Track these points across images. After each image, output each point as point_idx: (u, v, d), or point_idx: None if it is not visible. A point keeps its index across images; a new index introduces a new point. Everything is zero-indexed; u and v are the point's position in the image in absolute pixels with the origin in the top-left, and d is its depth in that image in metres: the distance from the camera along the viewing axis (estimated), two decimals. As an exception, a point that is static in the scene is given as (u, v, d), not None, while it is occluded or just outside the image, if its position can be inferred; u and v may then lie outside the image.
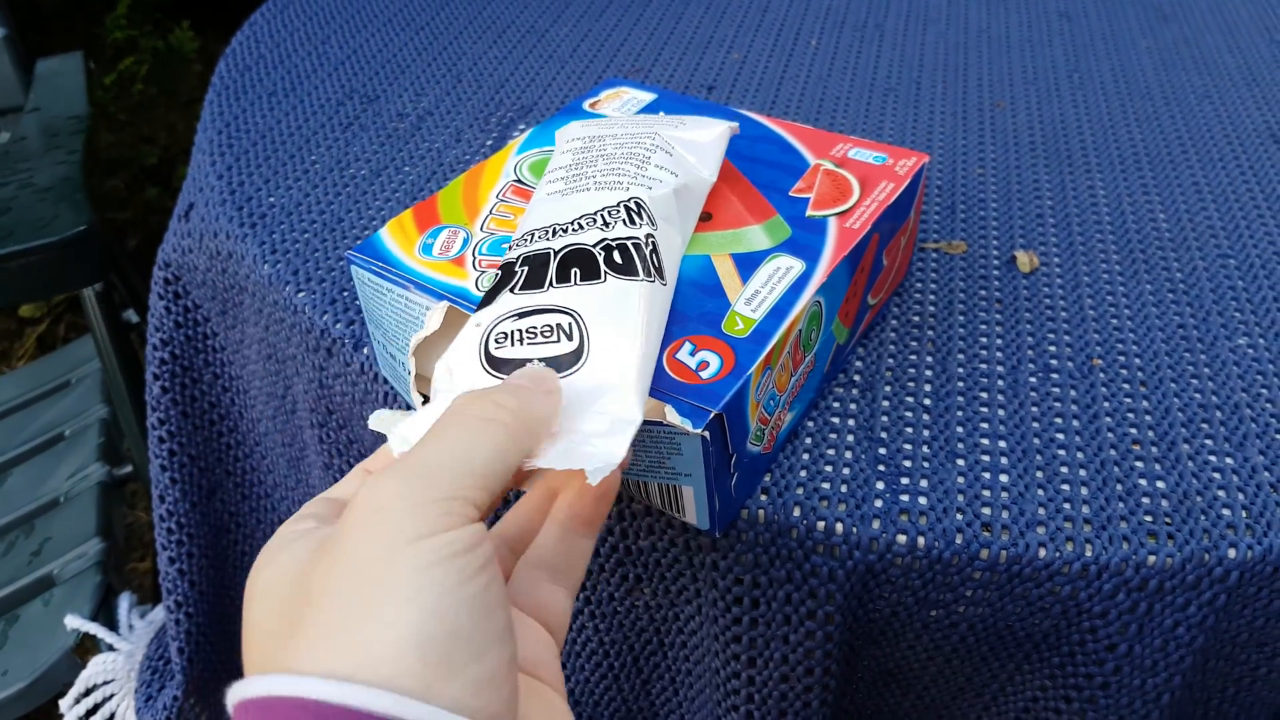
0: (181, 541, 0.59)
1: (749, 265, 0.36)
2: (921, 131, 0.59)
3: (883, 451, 0.38)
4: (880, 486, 0.36)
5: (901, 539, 0.35)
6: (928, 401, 0.40)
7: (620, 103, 0.47)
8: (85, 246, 0.70)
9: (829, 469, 0.37)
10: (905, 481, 0.36)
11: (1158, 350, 0.43)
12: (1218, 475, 0.37)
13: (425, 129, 0.58)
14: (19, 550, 0.72)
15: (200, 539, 0.60)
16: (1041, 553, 0.34)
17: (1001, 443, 0.38)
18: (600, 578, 0.40)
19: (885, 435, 0.38)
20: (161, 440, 0.58)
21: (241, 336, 0.53)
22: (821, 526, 0.35)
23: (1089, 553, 0.34)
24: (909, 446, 0.38)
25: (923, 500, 0.36)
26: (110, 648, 0.68)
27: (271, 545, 0.22)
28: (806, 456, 0.37)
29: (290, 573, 0.21)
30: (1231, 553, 0.34)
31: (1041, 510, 0.36)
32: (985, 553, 0.34)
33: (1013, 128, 0.60)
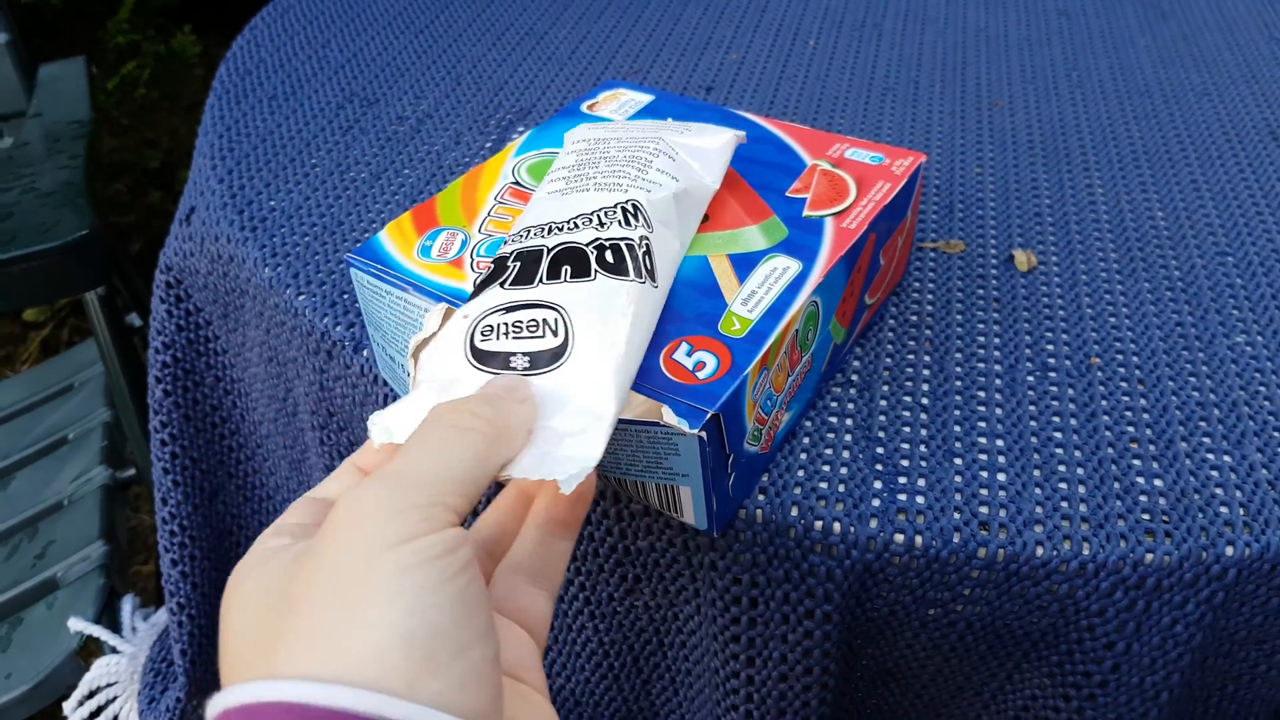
0: (184, 544, 0.60)
1: (745, 266, 0.36)
2: (920, 131, 0.59)
3: (880, 451, 0.38)
4: (878, 486, 0.36)
5: (899, 538, 0.35)
6: (925, 401, 0.40)
7: (618, 104, 0.47)
8: (88, 251, 0.70)
9: (827, 469, 0.37)
10: (903, 481, 0.37)
11: (1155, 349, 0.43)
12: (1215, 473, 0.37)
13: (425, 132, 0.58)
14: (23, 553, 0.73)
15: (202, 541, 0.61)
16: (1039, 551, 0.34)
17: (999, 441, 0.38)
18: (599, 578, 0.40)
19: (883, 435, 0.38)
20: (164, 443, 0.58)
21: (243, 339, 0.53)
22: (819, 526, 0.35)
23: (1086, 551, 0.34)
24: (906, 446, 0.38)
25: (920, 499, 0.36)
26: (114, 650, 0.68)
27: (248, 559, 0.22)
28: (804, 456, 0.37)
29: (269, 584, 0.21)
30: (1229, 550, 0.34)
31: (1039, 509, 0.36)
32: (983, 551, 0.34)
33: (1011, 127, 0.60)
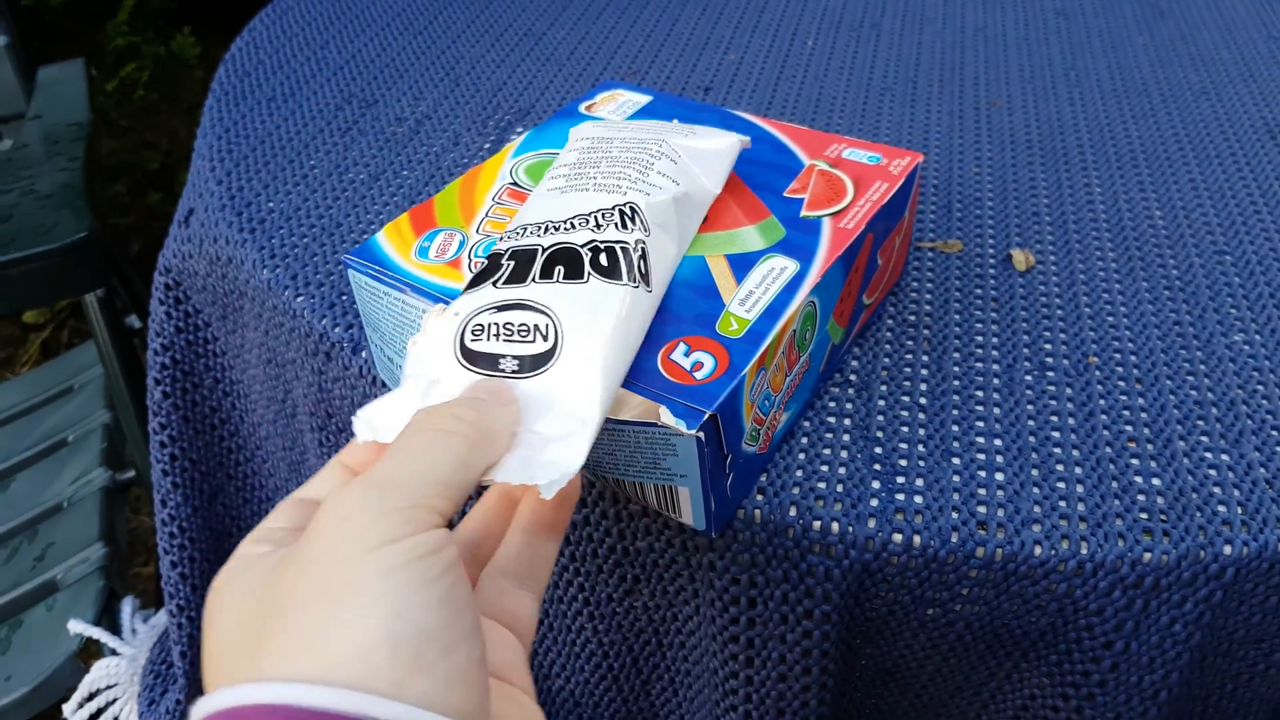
0: (184, 546, 0.60)
1: (743, 266, 0.36)
2: (918, 131, 0.59)
3: (878, 451, 0.38)
4: (876, 486, 0.36)
5: (897, 538, 0.35)
6: (923, 401, 0.40)
7: (615, 105, 0.47)
8: (86, 253, 0.70)
9: (825, 469, 0.37)
10: (901, 481, 0.37)
11: (1154, 348, 0.43)
12: (1213, 472, 0.37)
13: (423, 133, 0.58)
14: (22, 555, 0.73)
15: (202, 543, 0.61)
16: (1037, 551, 0.34)
17: (997, 441, 0.38)
18: (598, 579, 0.40)
19: (881, 435, 0.38)
20: (163, 445, 0.58)
21: (242, 341, 0.53)
22: (818, 526, 0.35)
23: (1085, 550, 0.34)
24: (905, 446, 0.38)
25: (918, 499, 0.36)
26: (113, 652, 0.68)
27: (231, 566, 0.22)
28: (803, 456, 0.37)
29: (252, 589, 0.21)
30: (1227, 549, 0.34)
31: (1037, 508, 0.36)
32: (981, 551, 0.34)
33: (1009, 126, 0.60)
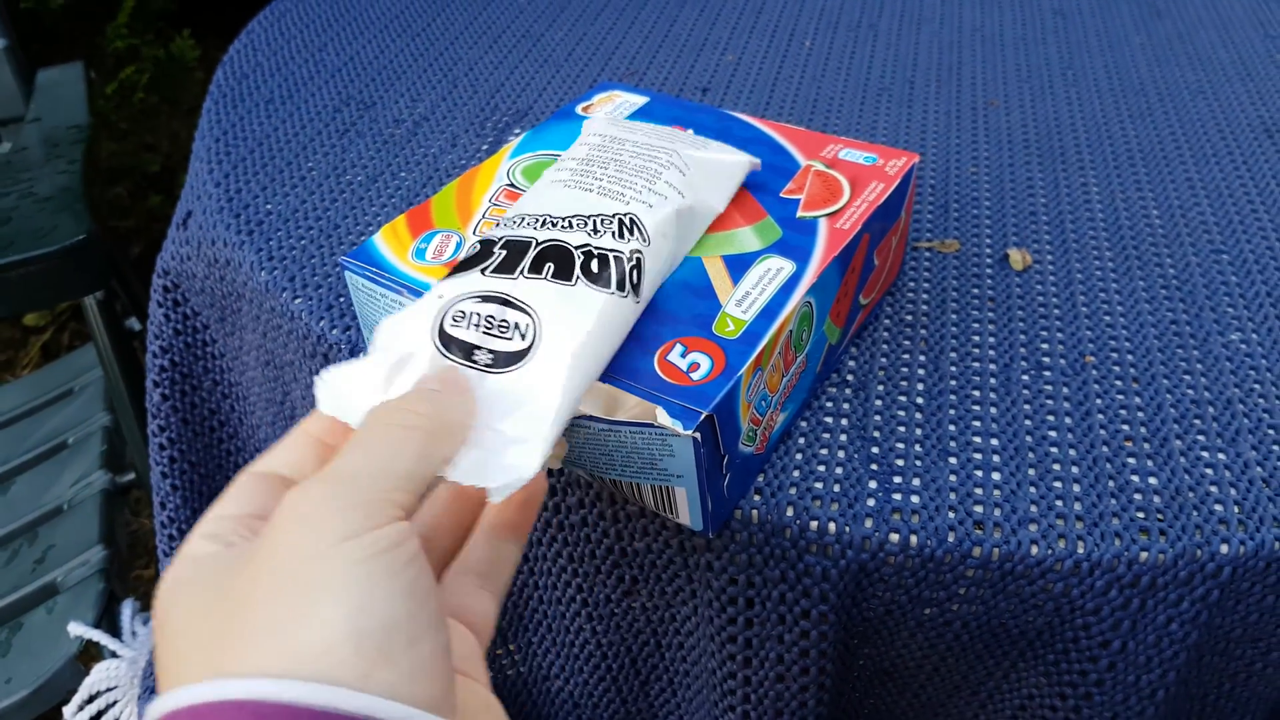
0: (183, 548, 0.60)
1: (740, 267, 0.36)
2: (915, 131, 0.59)
3: (875, 451, 0.38)
4: (873, 486, 0.36)
5: (894, 538, 0.35)
6: (920, 401, 0.40)
7: (613, 106, 0.47)
8: (85, 255, 0.70)
9: (822, 469, 0.37)
10: (898, 480, 0.37)
11: (1150, 346, 0.43)
12: (1210, 471, 0.37)
13: (421, 135, 0.58)
14: (22, 558, 0.73)
15: (202, 545, 0.61)
16: (1034, 550, 0.34)
17: (994, 440, 0.38)
18: (597, 580, 0.40)
19: (878, 434, 0.38)
20: (162, 447, 0.58)
21: (240, 343, 0.53)
22: (815, 526, 0.35)
23: (1081, 549, 0.34)
24: (902, 445, 0.38)
25: (915, 499, 0.36)
26: (113, 655, 0.68)
27: (179, 566, 0.22)
28: (800, 456, 0.38)
29: (208, 585, 0.21)
30: (1224, 548, 0.34)
31: (1034, 507, 0.36)
32: (978, 550, 0.35)
33: (1006, 126, 0.60)
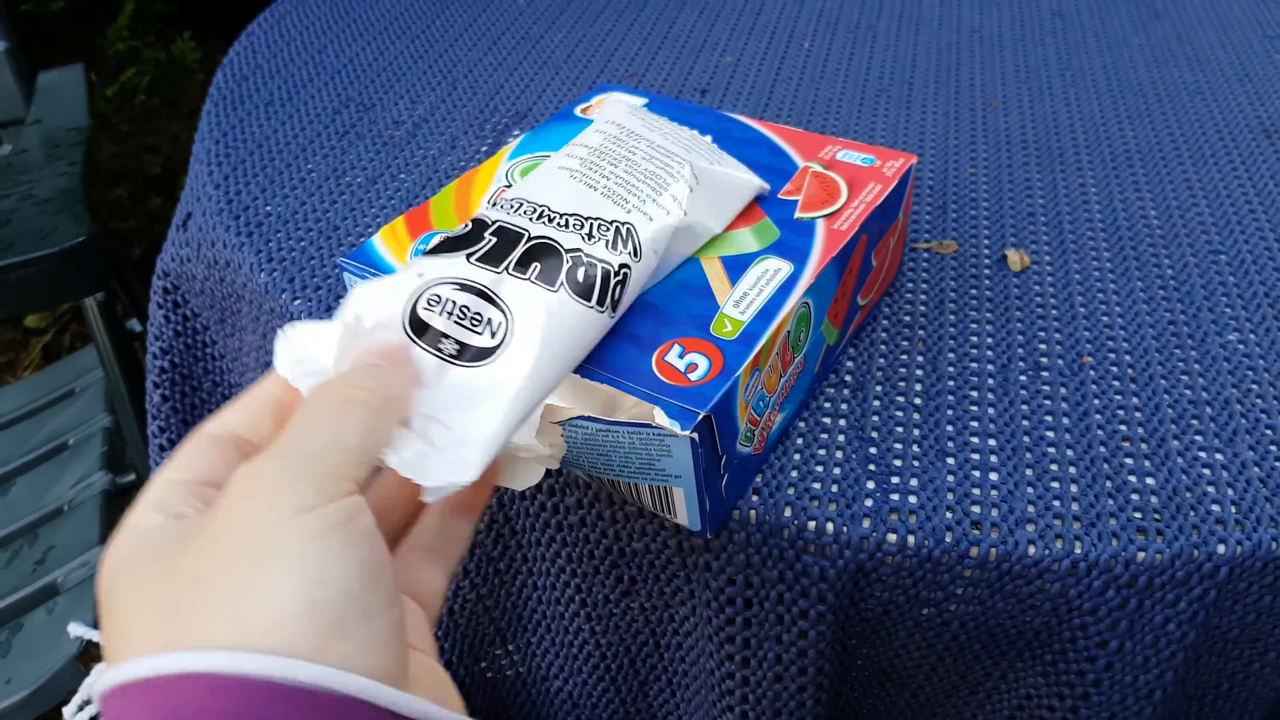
0: (183, 549, 0.60)
1: (737, 268, 0.36)
2: (914, 132, 0.59)
3: (873, 451, 0.38)
4: (871, 486, 0.36)
5: (892, 538, 0.35)
6: (918, 401, 0.40)
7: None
8: (85, 257, 0.70)
9: (820, 469, 0.37)
10: (895, 481, 0.37)
11: (1148, 347, 0.43)
12: (1207, 471, 0.37)
13: (420, 136, 0.58)
14: (23, 559, 0.73)
15: (202, 546, 0.61)
16: (1031, 550, 0.34)
17: (991, 441, 0.38)
18: (595, 580, 0.41)
19: (876, 435, 0.39)
20: (162, 449, 0.58)
21: (240, 344, 0.54)
22: (812, 526, 0.35)
23: (1078, 550, 0.34)
24: (899, 446, 0.38)
25: (913, 499, 0.36)
26: (114, 655, 0.68)
27: (125, 538, 0.22)
28: (798, 457, 0.38)
29: (155, 562, 0.20)
30: (1221, 548, 0.35)
31: (1031, 508, 0.36)
32: (975, 551, 0.35)
33: (1005, 127, 0.60)
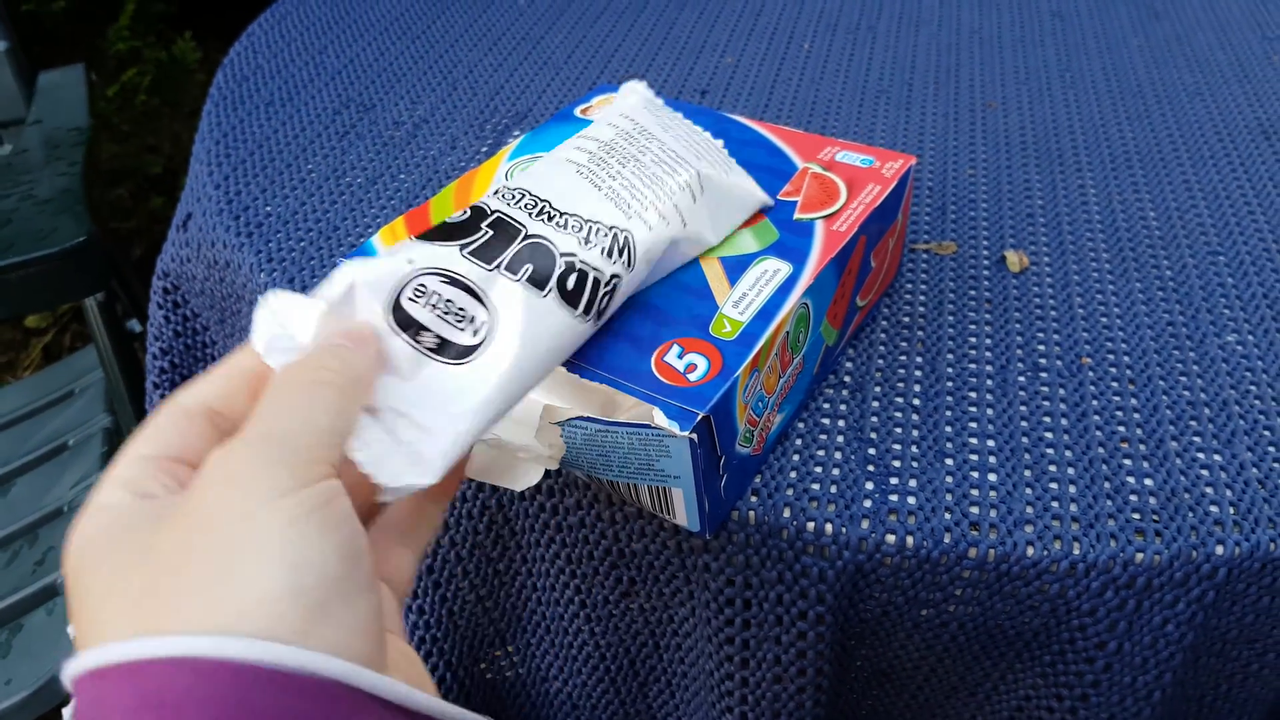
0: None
1: (737, 268, 0.36)
2: (913, 133, 0.60)
3: (872, 452, 0.38)
4: (869, 487, 0.36)
5: (890, 539, 0.35)
6: (917, 402, 0.40)
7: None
8: (85, 257, 0.70)
9: (819, 470, 0.37)
10: (894, 481, 0.37)
11: (1147, 348, 0.43)
12: (1206, 472, 0.37)
13: (420, 137, 0.58)
14: (23, 559, 0.73)
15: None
16: (1030, 551, 0.35)
17: (990, 442, 0.38)
18: (595, 581, 0.41)
19: (875, 436, 0.39)
20: (162, 448, 0.58)
21: (240, 345, 0.54)
22: (811, 527, 0.35)
23: (1077, 551, 0.34)
24: (898, 447, 0.38)
25: (911, 500, 0.36)
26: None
27: (93, 518, 0.21)
28: (796, 458, 0.38)
29: (126, 546, 0.20)
30: (1219, 549, 0.35)
31: (1029, 509, 0.36)
32: (974, 552, 0.35)
33: (1004, 128, 0.60)
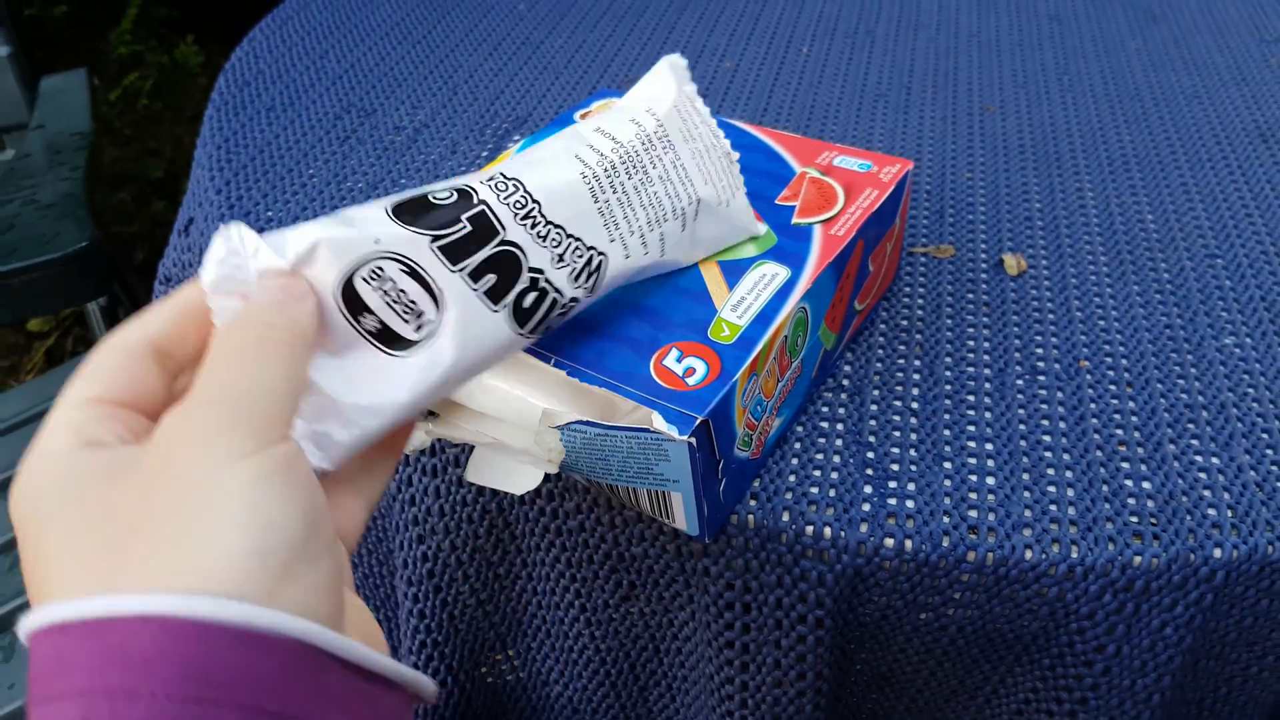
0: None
1: (735, 272, 0.36)
2: (911, 137, 0.60)
3: (870, 455, 0.38)
4: (868, 490, 0.37)
5: (889, 542, 0.35)
6: (915, 405, 0.40)
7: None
8: (87, 262, 0.71)
9: (817, 473, 0.37)
10: (893, 485, 0.37)
11: (1145, 351, 0.43)
12: (1203, 475, 0.37)
13: (421, 141, 0.59)
14: (26, 563, 0.73)
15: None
16: (1028, 554, 0.35)
17: (988, 445, 0.38)
18: (595, 585, 0.41)
19: (873, 439, 0.39)
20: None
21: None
22: (810, 531, 0.35)
23: (1075, 554, 0.35)
24: (896, 450, 0.38)
25: (910, 504, 0.36)
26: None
27: (46, 460, 0.21)
28: (795, 461, 0.38)
29: (86, 495, 0.20)
30: (1217, 552, 0.35)
31: (1028, 512, 0.36)
32: (972, 555, 0.35)
33: (1002, 131, 0.60)
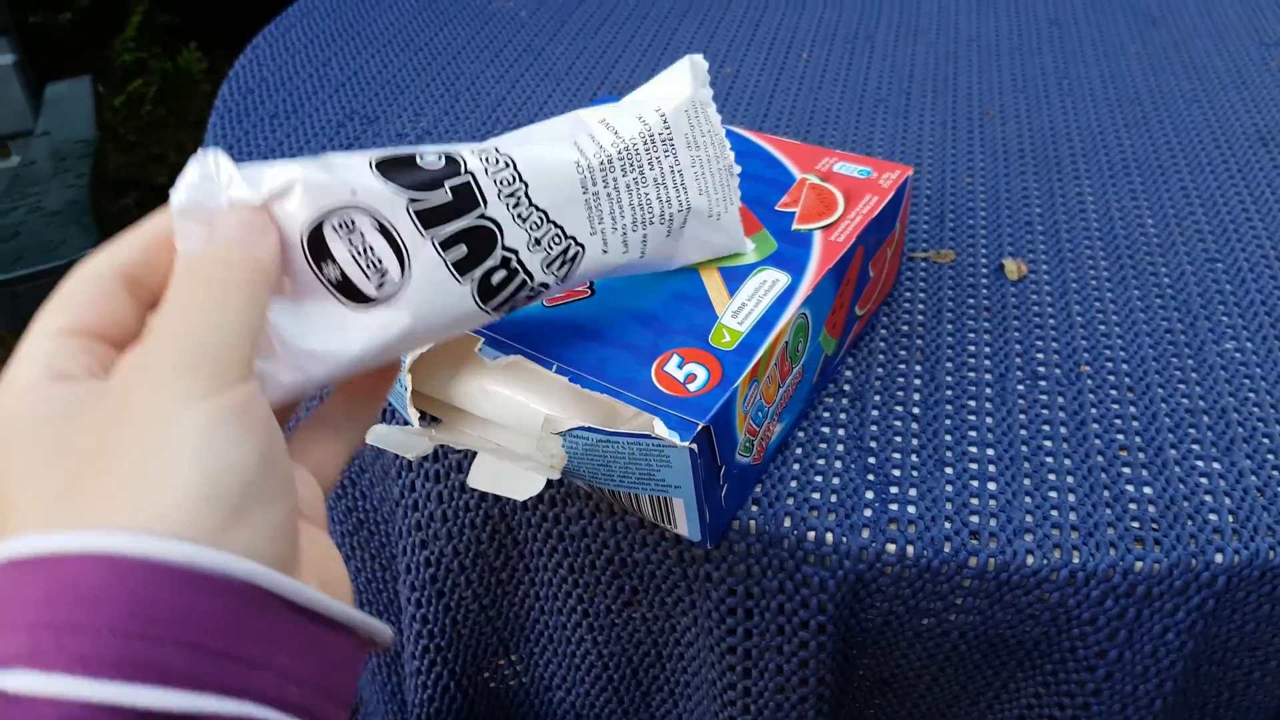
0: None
1: (736, 278, 0.37)
2: (911, 141, 0.60)
3: (872, 461, 0.38)
4: (869, 496, 0.37)
5: (891, 548, 0.35)
6: (916, 411, 0.40)
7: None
8: (92, 269, 0.71)
9: (819, 479, 0.37)
10: (894, 491, 0.37)
11: (1145, 356, 0.43)
12: (1205, 480, 0.37)
13: (422, 149, 0.59)
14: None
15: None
16: (1030, 560, 0.35)
17: (989, 450, 0.39)
18: (597, 590, 0.41)
19: (875, 445, 0.39)
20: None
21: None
22: (812, 536, 0.35)
23: (1077, 559, 0.35)
24: (898, 456, 0.38)
25: (911, 509, 0.36)
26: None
27: (9, 396, 0.21)
28: (797, 467, 0.38)
29: (45, 430, 0.20)
30: (1219, 558, 0.35)
31: (1029, 518, 0.36)
32: (974, 561, 0.35)
33: (1002, 136, 0.60)
